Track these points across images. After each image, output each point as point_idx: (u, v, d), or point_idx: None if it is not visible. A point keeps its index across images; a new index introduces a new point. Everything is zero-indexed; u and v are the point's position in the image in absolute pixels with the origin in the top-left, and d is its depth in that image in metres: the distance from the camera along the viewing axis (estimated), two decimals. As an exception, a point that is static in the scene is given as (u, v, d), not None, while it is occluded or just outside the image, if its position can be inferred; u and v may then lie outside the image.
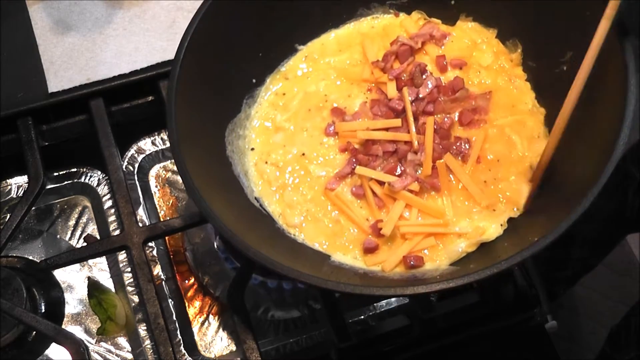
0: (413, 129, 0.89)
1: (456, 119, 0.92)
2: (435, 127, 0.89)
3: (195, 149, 0.83)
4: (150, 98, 1.10)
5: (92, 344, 1.01)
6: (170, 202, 1.13)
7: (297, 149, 0.92)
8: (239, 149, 0.92)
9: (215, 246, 1.06)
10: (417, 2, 1.00)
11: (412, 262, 0.81)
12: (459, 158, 0.88)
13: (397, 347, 0.94)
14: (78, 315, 1.04)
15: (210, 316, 1.04)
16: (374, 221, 0.85)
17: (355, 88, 0.96)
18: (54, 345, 0.98)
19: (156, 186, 1.14)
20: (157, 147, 1.14)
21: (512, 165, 0.88)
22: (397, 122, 0.91)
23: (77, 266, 1.06)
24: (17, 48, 1.10)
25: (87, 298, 1.03)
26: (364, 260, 0.84)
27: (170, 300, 1.02)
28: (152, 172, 1.15)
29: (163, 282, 1.03)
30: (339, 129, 0.93)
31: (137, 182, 1.11)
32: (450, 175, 0.87)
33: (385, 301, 1.03)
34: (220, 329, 1.03)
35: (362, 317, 1.01)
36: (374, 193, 0.87)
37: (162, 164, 1.15)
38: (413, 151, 0.88)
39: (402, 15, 1.01)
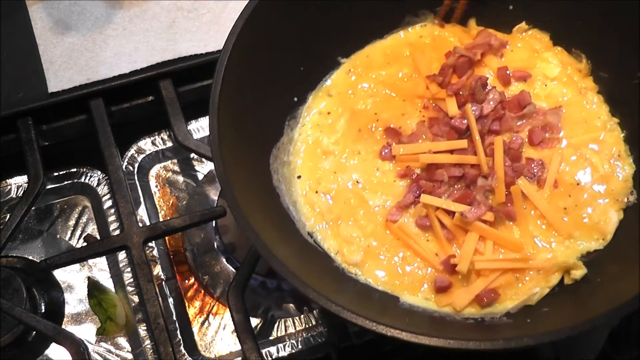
0: (481, 150, 0.80)
1: (525, 138, 0.83)
2: (504, 147, 0.80)
3: (240, 178, 0.76)
4: (150, 98, 1.10)
5: (92, 344, 1.01)
6: (170, 202, 1.13)
7: (350, 176, 0.84)
8: (285, 178, 0.84)
9: (215, 246, 1.06)
10: (469, 7, 0.90)
11: (485, 300, 0.73)
12: (534, 182, 0.80)
13: (397, 347, 0.93)
14: (78, 315, 1.04)
15: (210, 316, 1.04)
16: (444, 257, 0.77)
17: (409, 105, 0.87)
18: (54, 345, 0.98)
19: (156, 186, 1.14)
20: (157, 147, 1.13)
21: (595, 188, 0.80)
22: (463, 143, 0.81)
23: (77, 266, 1.06)
24: (17, 48, 1.10)
25: (87, 298, 1.03)
26: (436, 300, 0.76)
27: (170, 300, 1.02)
28: (152, 172, 1.14)
29: (163, 282, 1.03)
30: (397, 152, 0.84)
31: (137, 182, 1.11)
32: (525, 204, 0.79)
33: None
34: (220, 329, 1.03)
35: (362, 317, 1.01)
36: (442, 224, 0.78)
37: (162, 164, 1.15)
38: (483, 176, 0.79)
39: (449, 25, 0.91)
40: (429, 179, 0.81)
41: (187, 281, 1.07)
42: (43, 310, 0.95)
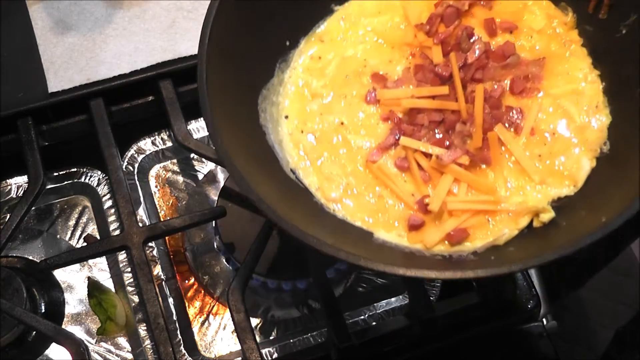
0: (462, 96, 0.82)
1: (507, 87, 0.86)
2: (485, 95, 0.83)
3: (226, 115, 0.78)
4: (150, 98, 1.10)
5: (92, 344, 1.01)
6: (170, 202, 1.13)
7: (336, 118, 0.87)
8: (272, 117, 0.87)
9: (215, 246, 1.06)
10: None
11: (455, 238, 0.76)
12: (512, 129, 0.82)
13: (397, 348, 0.94)
14: (78, 315, 1.04)
15: (210, 316, 1.04)
16: (420, 196, 0.80)
17: (397, 53, 0.90)
18: (54, 345, 0.98)
19: (156, 186, 1.14)
20: (157, 147, 1.14)
21: (570, 138, 0.82)
22: (445, 89, 0.84)
23: (77, 266, 1.06)
24: (17, 48, 1.10)
25: (87, 298, 1.03)
26: (408, 237, 0.79)
27: (170, 300, 1.02)
28: (152, 172, 1.15)
29: (163, 282, 1.03)
30: (381, 97, 0.86)
31: (137, 182, 1.11)
32: (502, 149, 0.81)
33: (385, 301, 1.03)
34: (220, 329, 1.03)
35: (362, 317, 1.01)
36: (419, 166, 0.81)
37: (162, 164, 1.15)
38: (462, 121, 0.82)
39: None
40: (410, 122, 0.84)
41: (187, 281, 1.07)
42: (43, 310, 0.95)
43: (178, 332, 0.99)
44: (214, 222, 1.05)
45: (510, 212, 0.78)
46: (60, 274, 1.05)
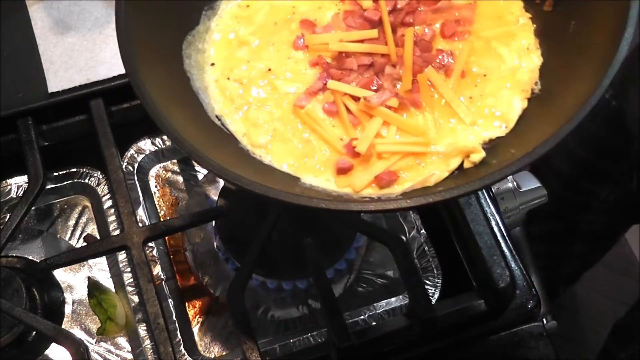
0: (391, 39, 0.82)
1: (438, 31, 0.86)
2: (415, 39, 0.82)
3: (148, 58, 0.76)
4: (150, 98, 1.10)
5: (92, 344, 1.01)
6: (170, 202, 1.13)
7: (263, 64, 0.85)
8: (197, 64, 0.85)
9: (215, 246, 1.06)
10: None
11: (384, 180, 0.75)
12: (442, 72, 0.82)
13: (397, 348, 0.94)
14: (78, 315, 1.04)
15: (210, 316, 1.04)
16: (348, 140, 0.79)
17: None
18: (54, 345, 0.98)
19: (156, 186, 1.14)
20: (157, 147, 1.14)
21: (501, 79, 0.82)
22: (374, 33, 0.83)
23: (77, 266, 1.06)
24: (17, 48, 1.10)
25: (87, 298, 1.03)
26: (336, 182, 0.77)
27: (170, 300, 1.02)
28: (152, 172, 1.15)
29: (163, 282, 1.03)
30: (309, 42, 0.85)
31: (137, 182, 1.11)
32: (433, 92, 0.81)
33: (385, 301, 1.03)
34: (220, 329, 1.03)
35: (362, 317, 1.01)
36: (348, 110, 0.80)
37: (162, 164, 1.15)
38: (391, 64, 0.82)
39: None
40: (338, 67, 0.83)
41: (187, 281, 1.07)
42: (43, 311, 0.95)
43: (178, 332, 0.99)
44: (214, 222, 1.05)
45: (440, 153, 0.77)
46: (60, 274, 1.05)
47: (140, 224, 0.98)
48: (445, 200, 0.66)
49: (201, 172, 1.14)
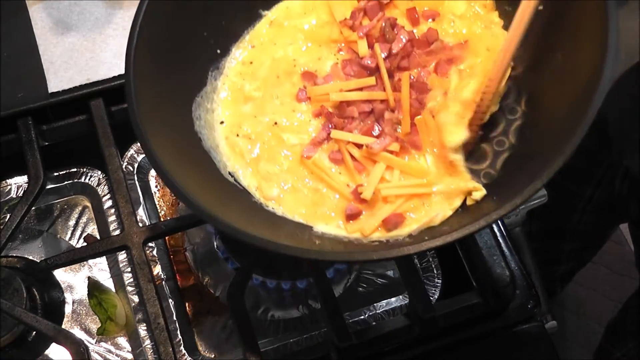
0: (388, 85, 0.85)
1: (432, 71, 0.87)
2: (411, 81, 0.85)
3: (159, 125, 0.79)
4: (150, 98, 1.10)
5: (92, 344, 1.01)
6: (170, 202, 1.13)
7: (269, 118, 0.88)
8: (207, 124, 0.88)
9: (215, 246, 1.06)
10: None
11: (391, 223, 0.77)
12: None
13: (397, 347, 0.94)
14: (78, 315, 1.04)
15: (210, 316, 1.04)
16: (354, 186, 0.81)
17: (325, 50, 0.92)
18: (54, 345, 0.98)
19: (156, 186, 1.14)
20: (157, 147, 1.13)
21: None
22: (371, 80, 0.86)
23: (77, 266, 1.06)
24: (17, 48, 1.10)
25: (87, 298, 1.03)
26: (346, 227, 0.80)
27: (170, 300, 1.02)
28: (152, 172, 1.15)
29: (163, 282, 1.03)
30: (311, 94, 0.88)
31: (137, 182, 1.11)
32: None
33: (385, 301, 1.03)
34: (220, 329, 1.03)
35: (362, 317, 1.01)
36: (352, 157, 0.83)
37: (162, 164, 1.15)
38: (390, 109, 0.84)
39: None
40: (340, 116, 0.86)
41: (187, 281, 1.07)
42: (43, 311, 0.95)
43: (178, 332, 0.99)
44: (214, 222, 1.05)
45: (443, 193, 0.79)
46: (60, 274, 1.05)
47: (140, 224, 0.98)
48: (455, 240, 0.68)
49: (201, 172, 1.14)
